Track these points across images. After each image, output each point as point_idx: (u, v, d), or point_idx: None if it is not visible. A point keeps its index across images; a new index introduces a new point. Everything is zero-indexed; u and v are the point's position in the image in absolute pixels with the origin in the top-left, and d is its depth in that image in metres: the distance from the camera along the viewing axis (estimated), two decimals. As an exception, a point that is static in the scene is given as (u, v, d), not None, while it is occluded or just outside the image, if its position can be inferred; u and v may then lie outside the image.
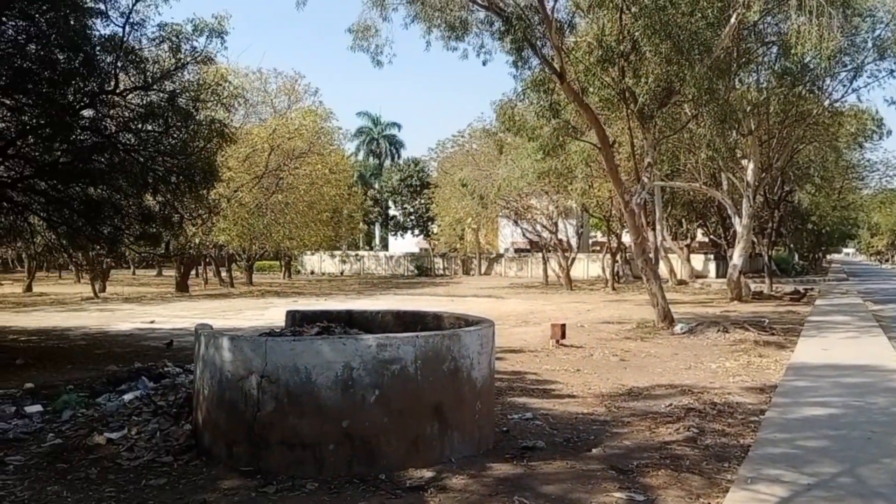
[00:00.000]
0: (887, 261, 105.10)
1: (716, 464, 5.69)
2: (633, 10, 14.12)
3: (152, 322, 17.68)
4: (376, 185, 69.30)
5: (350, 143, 64.60)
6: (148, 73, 11.66)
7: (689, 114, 18.42)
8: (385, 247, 71.54)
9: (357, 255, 61.12)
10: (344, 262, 59.27)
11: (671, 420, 7.16)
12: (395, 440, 5.32)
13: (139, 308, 22.80)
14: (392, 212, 67.53)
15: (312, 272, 58.13)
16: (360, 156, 75.09)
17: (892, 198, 73.03)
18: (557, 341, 12.90)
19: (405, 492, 4.90)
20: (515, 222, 39.86)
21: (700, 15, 14.08)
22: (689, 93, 15.17)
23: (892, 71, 24.45)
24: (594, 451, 6.02)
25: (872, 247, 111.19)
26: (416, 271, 55.94)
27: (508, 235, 53.76)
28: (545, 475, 5.32)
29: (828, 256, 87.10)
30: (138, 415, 6.45)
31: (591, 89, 16.28)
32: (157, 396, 6.92)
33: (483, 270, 55.02)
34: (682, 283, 39.77)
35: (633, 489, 5.03)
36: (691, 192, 34.31)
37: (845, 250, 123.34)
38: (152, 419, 6.31)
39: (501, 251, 57.42)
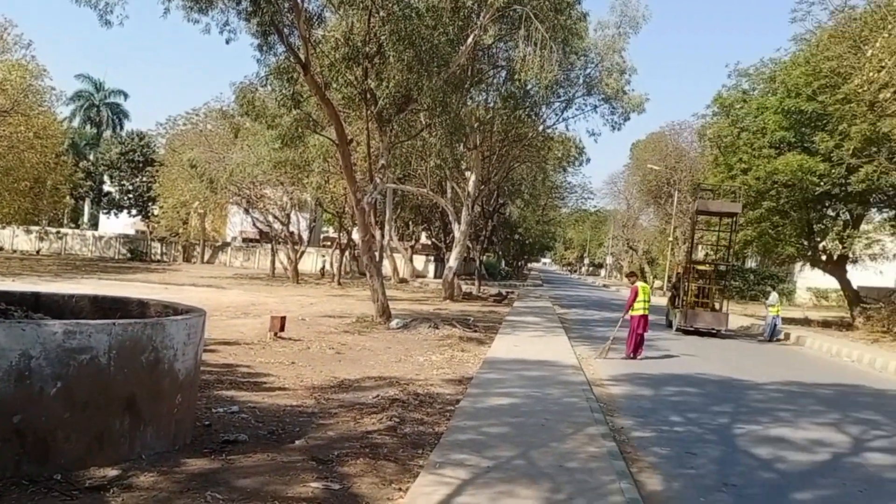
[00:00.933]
0: (575, 271, 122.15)
1: (411, 451, 6.08)
2: (382, 14, 14.50)
3: None
4: (91, 157, 62.02)
5: (65, 108, 57.05)
6: None
7: (424, 122, 19.50)
8: (94, 226, 64.14)
9: (59, 232, 53.91)
10: (42, 239, 51.96)
11: (376, 410, 7.50)
12: (76, 436, 4.82)
13: None
14: (107, 188, 60.86)
15: (2, 248, 50.17)
16: (76, 122, 66.70)
17: (584, 217, 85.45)
18: (276, 334, 12.75)
19: (83, 492, 4.47)
20: (246, 210, 38.52)
21: (442, 30, 14.97)
22: (425, 102, 15.98)
23: (595, 106, 28.87)
24: (297, 442, 6.07)
25: (565, 258, 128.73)
26: (129, 255, 51.08)
27: (238, 224, 51.76)
28: (243, 469, 5.23)
29: (529, 265, 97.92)
30: None
31: (334, 85, 16.44)
32: None
33: (206, 258, 52.27)
34: (403, 281, 41.82)
35: (331, 478, 5.17)
36: (419, 197, 36.37)
37: (543, 260, 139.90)
38: None
39: (228, 239, 55.09)
